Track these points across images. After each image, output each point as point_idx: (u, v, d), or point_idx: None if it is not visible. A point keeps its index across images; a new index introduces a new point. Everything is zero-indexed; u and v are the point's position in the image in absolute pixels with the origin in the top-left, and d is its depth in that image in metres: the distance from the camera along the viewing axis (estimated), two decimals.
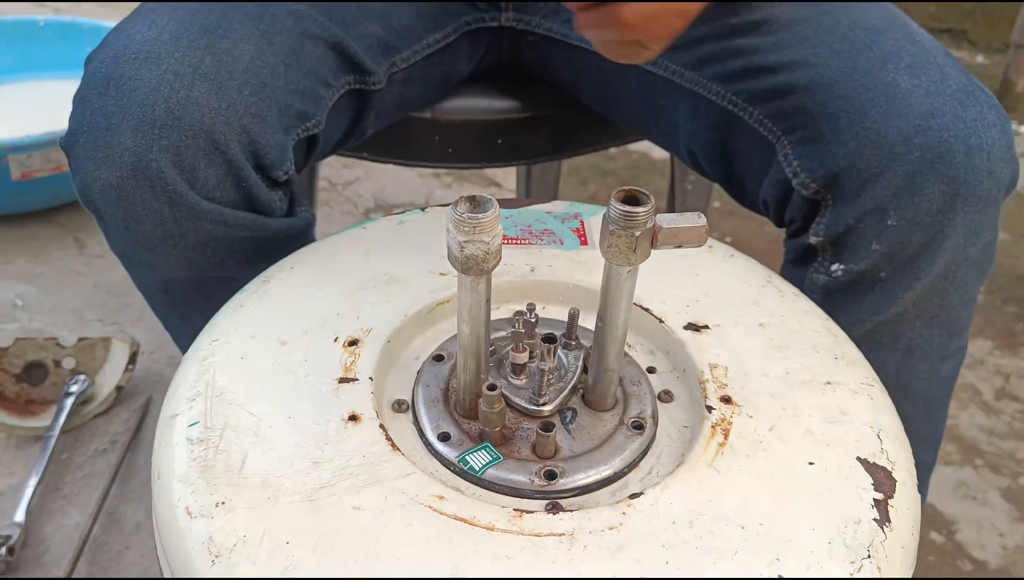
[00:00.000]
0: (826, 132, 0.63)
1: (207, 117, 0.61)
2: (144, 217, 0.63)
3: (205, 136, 0.61)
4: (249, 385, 0.51)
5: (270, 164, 0.66)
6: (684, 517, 0.45)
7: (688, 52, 0.72)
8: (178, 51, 0.62)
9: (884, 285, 0.65)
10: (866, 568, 0.44)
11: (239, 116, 0.63)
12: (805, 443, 0.49)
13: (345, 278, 0.59)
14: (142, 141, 0.60)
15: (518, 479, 0.48)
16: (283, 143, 0.66)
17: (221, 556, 0.42)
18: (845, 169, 0.62)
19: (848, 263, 0.65)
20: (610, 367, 0.50)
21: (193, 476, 0.46)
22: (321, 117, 0.69)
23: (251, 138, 0.64)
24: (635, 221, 0.44)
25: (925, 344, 0.69)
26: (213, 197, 0.64)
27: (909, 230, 0.62)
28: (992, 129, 0.62)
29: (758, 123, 0.68)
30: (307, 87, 0.68)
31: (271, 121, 0.65)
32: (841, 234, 0.64)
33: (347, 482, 0.46)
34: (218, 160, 0.63)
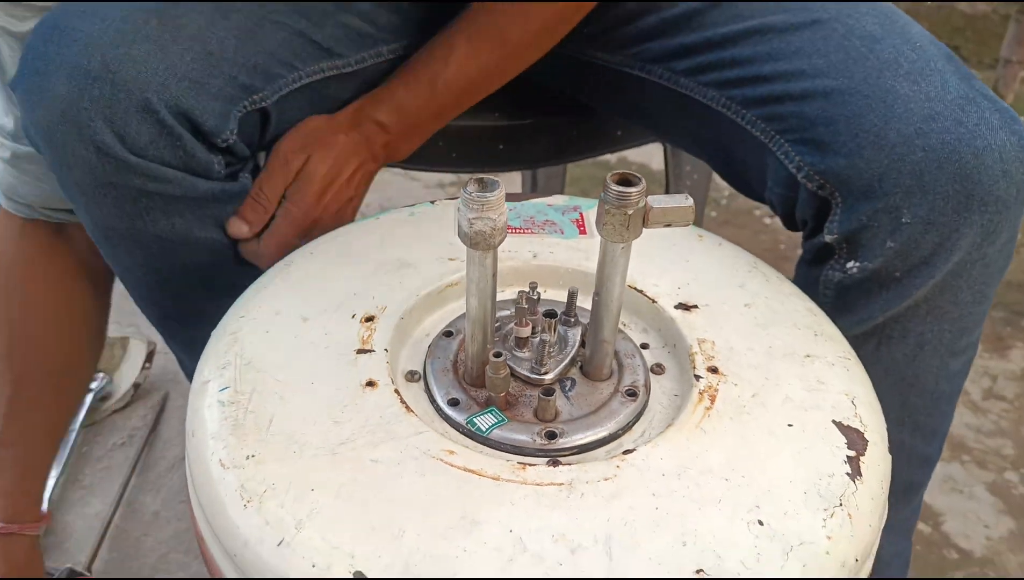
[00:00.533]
0: (824, 135, 0.65)
1: (142, 75, 0.63)
2: (74, 163, 0.66)
3: (138, 93, 0.63)
4: (274, 355, 0.56)
5: (209, 130, 0.68)
6: (673, 470, 0.49)
7: (683, 60, 0.76)
8: (124, 10, 0.64)
9: (898, 283, 0.66)
10: (838, 515, 0.48)
11: (176, 79, 0.65)
12: (785, 408, 0.54)
13: (361, 262, 0.64)
14: (74, 89, 0.63)
15: (521, 439, 0.52)
16: (224, 111, 0.68)
17: (252, 501, 0.47)
18: (847, 168, 0.64)
19: (863, 261, 0.66)
20: (606, 338, 0.55)
21: (225, 433, 0.50)
22: (270, 93, 0.72)
23: (187, 103, 0.65)
24: (628, 201, 0.49)
25: (935, 339, 0.70)
26: (144, 153, 0.66)
27: (924, 229, 0.63)
28: (999, 132, 0.63)
29: (751, 125, 0.70)
30: (259, 63, 0.71)
31: (211, 89, 0.67)
32: (856, 231, 0.65)
33: (365, 438, 0.50)
34: (150, 119, 0.64)
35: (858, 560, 0.48)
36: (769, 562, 0.45)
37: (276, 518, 0.46)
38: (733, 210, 1.84)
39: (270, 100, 0.73)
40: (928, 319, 0.69)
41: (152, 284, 0.78)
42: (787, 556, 0.45)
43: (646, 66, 0.79)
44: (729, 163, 0.77)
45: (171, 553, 1.03)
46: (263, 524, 0.46)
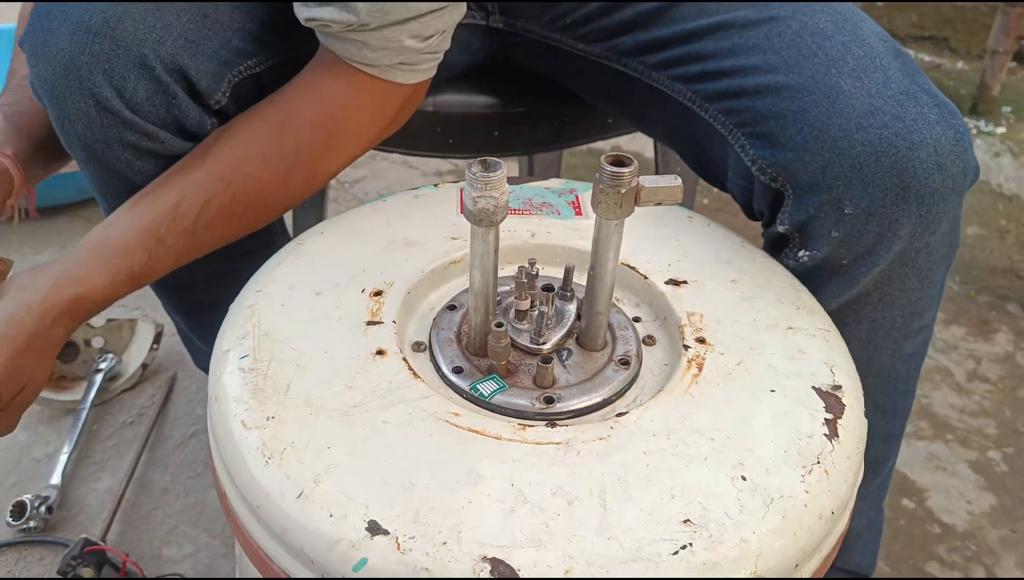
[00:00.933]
0: (774, 129, 0.68)
1: (140, 32, 0.66)
2: (75, 116, 0.68)
3: (136, 49, 0.66)
4: (290, 327, 0.59)
5: (203, 91, 0.70)
6: (663, 430, 0.53)
7: (655, 54, 0.79)
8: None
9: (845, 270, 0.69)
10: (816, 471, 0.52)
11: (172, 37, 0.67)
12: (768, 375, 0.58)
13: (369, 241, 0.67)
14: (76, 44, 0.65)
15: (521, 403, 0.56)
16: (218, 73, 0.70)
17: (273, 458, 0.50)
18: (793, 161, 0.67)
19: (812, 250, 0.69)
20: (600, 310, 0.59)
21: (246, 397, 0.54)
22: (264, 60, 0.74)
23: (182, 60, 0.68)
24: (621, 180, 0.52)
25: (887, 323, 0.74)
26: (140, 110, 0.68)
27: (865, 219, 0.66)
28: (935, 127, 0.65)
29: (713, 118, 0.73)
30: (253, 29, 0.73)
31: (205, 50, 0.69)
32: (805, 222, 0.68)
33: (376, 402, 0.54)
34: (146, 76, 0.67)
35: (834, 513, 0.51)
36: (751, 513, 0.49)
37: (296, 473, 0.49)
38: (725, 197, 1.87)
39: (263, 66, 0.75)
40: (879, 306, 0.72)
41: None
42: (768, 508, 0.49)
43: (622, 59, 0.82)
44: (698, 155, 0.80)
45: (180, 526, 1.07)
46: (284, 478, 0.49)
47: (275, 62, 0.75)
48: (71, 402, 1.19)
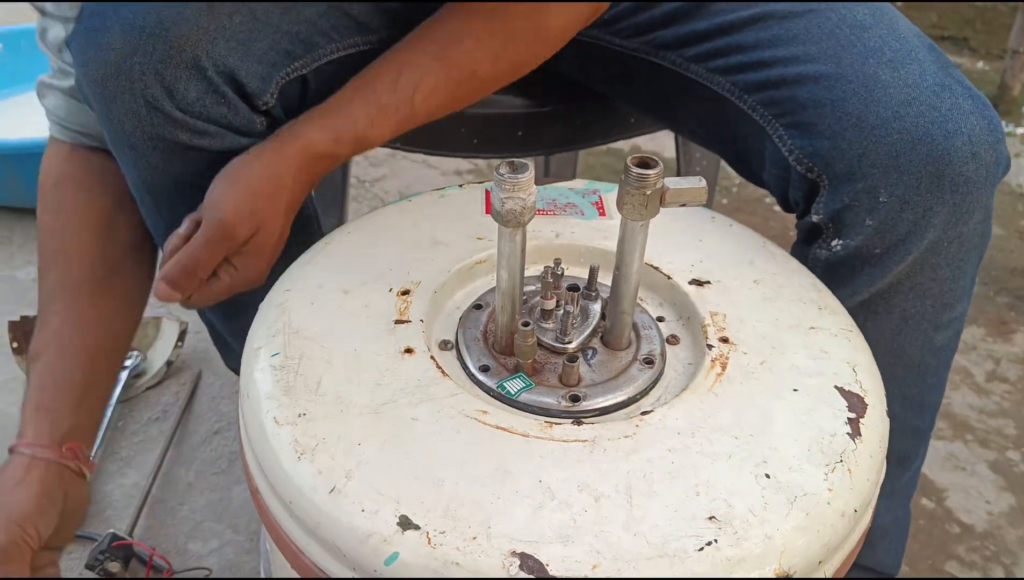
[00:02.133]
0: (812, 118, 0.70)
1: (193, 34, 0.66)
2: (125, 116, 0.69)
3: (189, 51, 0.66)
4: (320, 324, 0.60)
5: (252, 92, 0.71)
6: (687, 429, 0.54)
7: (694, 47, 0.80)
8: None
9: (879, 259, 0.70)
10: (839, 470, 0.52)
11: (224, 39, 0.68)
12: (791, 374, 0.58)
13: (396, 241, 0.68)
14: (128, 44, 0.66)
15: (547, 401, 0.57)
16: (267, 75, 0.72)
17: (305, 454, 0.51)
18: (830, 149, 0.68)
19: (846, 239, 0.70)
20: (625, 310, 0.59)
21: (278, 394, 0.55)
22: (310, 61, 0.75)
23: (233, 62, 0.69)
24: (647, 181, 0.53)
25: (918, 314, 0.75)
26: (190, 109, 0.69)
27: (899, 207, 0.67)
28: (970, 117, 0.67)
29: (752, 109, 0.74)
30: (300, 31, 0.74)
31: (255, 52, 0.70)
32: (839, 211, 0.69)
33: (405, 399, 0.55)
34: (198, 76, 0.68)
35: (857, 511, 0.52)
36: (775, 510, 0.49)
37: (328, 468, 0.51)
38: (744, 198, 1.87)
39: (309, 68, 0.76)
40: (910, 295, 0.73)
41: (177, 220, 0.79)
42: (791, 505, 0.50)
43: (660, 52, 0.83)
44: (733, 148, 0.81)
45: (205, 521, 1.09)
46: (316, 474, 0.50)
47: (320, 64, 0.77)
48: None
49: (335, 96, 0.72)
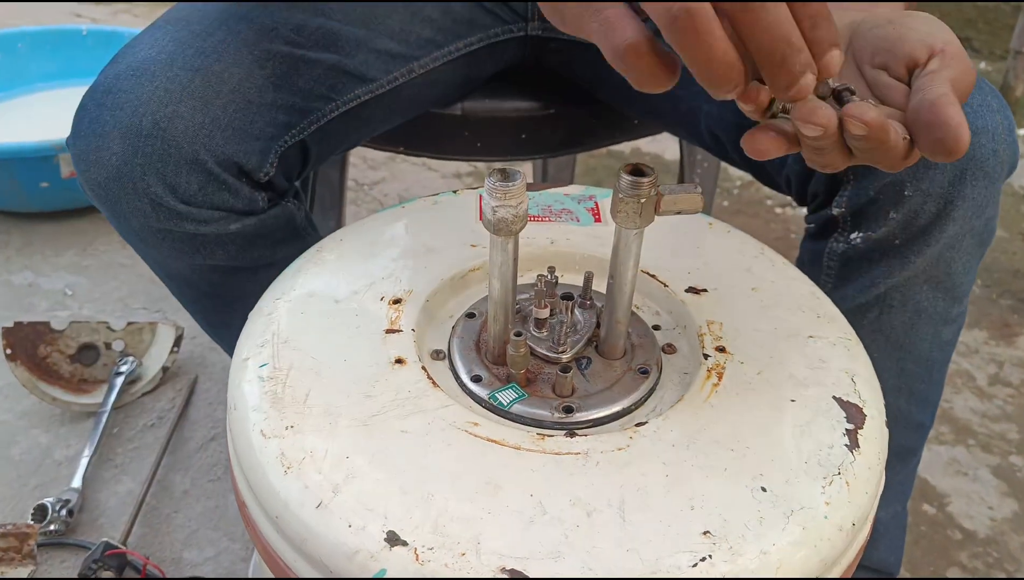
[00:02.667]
0: None
1: (191, 131, 0.68)
2: (131, 214, 0.71)
3: (187, 148, 0.68)
4: (309, 334, 0.59)
5: (251, 169, 0.72)
6: (682, 441, 0.53)
7: None
8: (171, 71, 0.68)
9: (898, 251, 0.72)
10: (836, 483, 0.51)
11: (221, 131, 0.69)
12: (788, 384, 0.57)
13: (388, 248, 0.67)
14: (128, 148, 0.67)
15: (540, 413, 0.56)
16: (265, 149, 0.73)
17: (292, 467, 0.50)
18: None
19: (867, 231, 0.71)
20: (620, 319, 0.58)
21: (265, 406, 0.54)
22: (307, 126, 0.76)
23: (231, 150, 0.70)
24: (640, 189, 0.52)
25: (931, 306, 0.76)
26: (193, 201, 0.70)
27: (923, 201, 0.69)
28: (996, 114, 0.69)
29: None
30: (296, 103, 0.75)
31: (252, 133, 0.71)
32: (863, 205, 0.70)
33: (395, 411, 0.54)
34: (198, 169, 0.69)
35: (855, 525, 0.51)
36: (771, 525, 0.48)
37: (315, 483, 0.50)
38: (745, 200, 1.86)
39: (308, 132, 0.77)
40: (925, 288, 0.75)
41: (201, 294, 0.84)
42: (788, 519, 0.49)
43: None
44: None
45: (201, 529, 1.08)
46: (303, 488, 0.49)
47: (320, 125, 0.77)
48: (92, 405, 1.21)
49: None
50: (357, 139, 0.88)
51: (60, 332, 1.23)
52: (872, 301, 0.74)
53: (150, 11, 2.72)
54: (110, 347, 1.26)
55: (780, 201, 1.86)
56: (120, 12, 2.70)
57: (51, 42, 1.89)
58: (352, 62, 0.79)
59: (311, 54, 0.76)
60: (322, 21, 0.77)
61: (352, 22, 0.79)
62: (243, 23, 0.74)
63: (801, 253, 0.81)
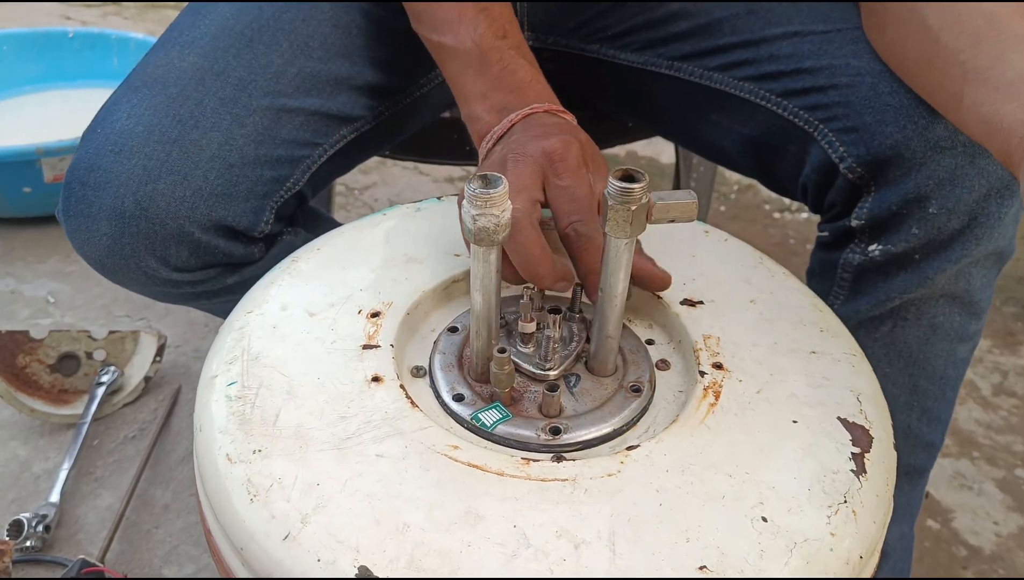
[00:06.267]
0: (871, 123, 0.67)
1: (172, 206, 0.68)
2: (129, 283, 0.73)
3: (172, 223, 0.68)
4: (281, 350, 0.56)
5: (243, 229, 0.72)
6: (676, 466, 0.49)
7: (717, 57, 0.77)
8: (148, 145, 0.68)
9: (917, 266, 0.69)
10: (842, 512, 0.48)
11: (204, 200, 0.69)
12: (790, 404, 0.54)
13: (367, 258, 0.64)
14: (115, 229, 0.68)
15: (525, 434, 0.52)
16: (257, 209, 0.73)
17: (259, 495, 0.47)
18: (891, 158, 0.66)
19: (886, 245, 0.69)
20: (610, 334, 0.55)
21: (232, 428, 0.51)
22: (300, 176, 0.75)
23: (218, 217, 0.70)
24: (631, 196, 0.49)
25: (947, 322, 0.73)
26: (186, 268, 0.72)
27: (947, 218, 0.66)
28: None
29: (793, 116, 0.72)
30: (282, 155, 0.73)
31: (238, 195, 0.71)
32: (884, 218, 0.68)
33: (371, 433, 0.50)
34: (186, 240, 0.70)
35: (863, 557, 0.48)
36: (773, 559, 0.45)
37: (282, 512, 0.46)
38: (742, 205, 1.83)
39: (302, 182, 0.76)
40: (941, 302, 0.72)
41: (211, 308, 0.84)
42: (791, 553, 0.45)
43: (675, 64, 0.80)
44: (759, 156, 0.78)
45: (181, 545, 1.04)
46: (269, 518, 0.46)
47: (312, 172, 0.76)
48: (71, 416, 1.17)
49: None
50: (348, 169, 0.87)
51: (39, 341, 1.19)
52: (886, 314, 0.71)
53: (139, 12, 2.68)
54: (91, 357, 1.22)
55: (778, 206, 1.82)
56: (110, 15, 2.67)
57: (37, 44, 1.85)
58: (334, 104, 0.77)
59: (292, 102, 0.74)
60: (301, 64, 0.75)
61: (333, 56, 0.77)
62: (219, 80, 0.72)
63: (812, 263, 0.78)
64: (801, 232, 1.74)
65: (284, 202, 0.74)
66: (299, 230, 0.79)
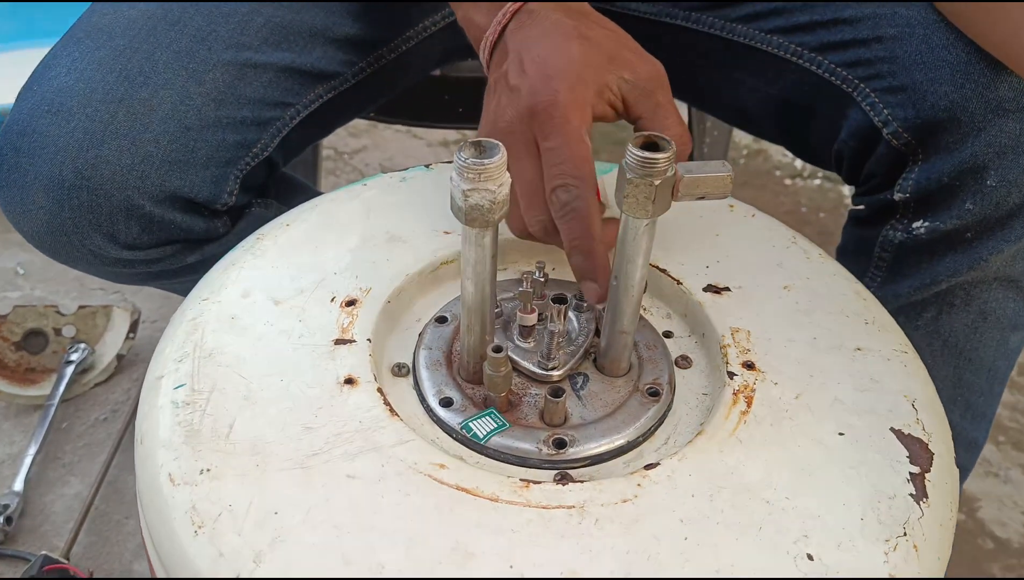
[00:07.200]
0: (921, 81, 0.59)
1: (118, 175, 0.60)
2: (74, 262, 0.65)
3: (118, 195, 0.61)
4: (239, 346, 0.48)
5: (204, 201, 0.65)
6: (704, 490, 0.42)
7: (740, 7, 0.69)
8: (91, 105, 0.60)
9: (968, 247, 0.62)
10: (901, 547, 0.40)
11: (156, 168, 0.61)
12: (834, 412, 0.46)
13: (344, 236, 0.56)
14: (54, 201, 0.60)
15: (525, 447, 0.45)
16: (218, 178, 0.65)
17: (205, 526, 0.39)
18: (944, 122, 0.58)
19: (935, 221, 0.62)
20: (624, 329, 0.47)
21: (177, 441, 0.43)
22: (269, 140, 0.68)
23: (172, 187, 0.62)
24: (655, 168, 0.40)
25: (999, 309, 0.66)
26: (139, 245, 0.64)
27: (1007, 192, 0.59)
28: None
29: (830, 73, 0.64)
30: (247, 117, 0.66)
31: (196, 163, 0.63)
32: (933, 191, 0.61)
33: (341, 449, 0.43)
34: (136, 214, 0.62)
35: None
36: None
37: (232, 549, 0.39)
38: (752, 170, 1.75)
39: (271, 147, 0.68)
40: (995, 286, 0.65)
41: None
42: None
43: (692, 15, 0.72)
44: (785, 117, 0.71)
45: None
46: (216, 556, 0.38)
47: (283, 136, 0.68)
48: (38, 397, 1.10)
49: None
50: (326, 133, 0.79)
51: (3, 317, 1.12)
52: (930, 299, 0.64)
53: None
54: (60, 333, 1.15)
55: (790, 172, 1.74)
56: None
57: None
58: (308, 59, 0.68)
59: (258, 57, 0.66)
60: (269, 13, 0.67)
61: (306, 5, 0.68)
62: (174, 29, 0.64)
63: (844, 239, 0.70)
64: (814, 200, 1.66)
65: (251, 170, 0.66)
66: (271, 202, 0.71)
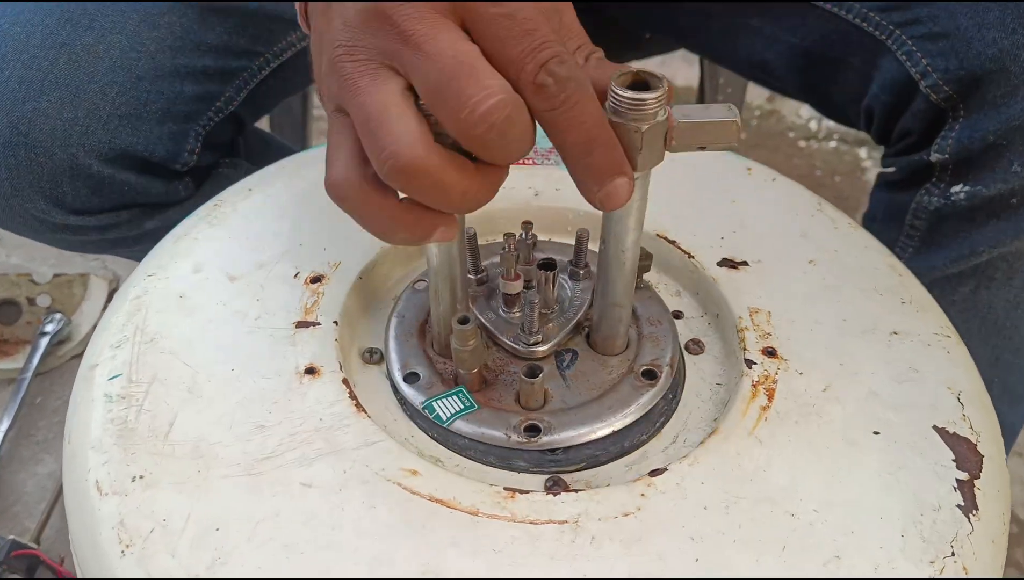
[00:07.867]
0: (966, 28, 0.53)
1: (60, 130, 0.55)
2: (17, 228, 0.60)
3: (60, 153, 0.55)
4: (187, 329, 0.42)
5: (160, 160, 0.60)
6: (718, 500, 0.36)
7: None
8: (27, 51, 0.55)
9: (1014, 213, 0.58)
10: (949, 568, 0.35)
11: (103, 123, 0.56)
12: (869, 407, 0.40)
13: (311, 202, 0.49)
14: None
15: (492, 434, 0.39)
16: (177, 135, 0.60)
17: (133, 545, 0.34)
18: (992, 73, 0.53)
19: (977, 185, 0.57)
20: (617, 302, 0.41)
21: (108, 442, 0.37)
22: (235, 93, 0.63)
23: (123, 144, 0.57)
24: (642, 111, 0.33)
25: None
26: (88, 209, 0.58)
27: None
28: None
29: (861, 19, 0.59)
30: (209, 66, 0.60)
31: (151, 117, 0.58)
32: (976, 151, 0.56)
33: (297, 451, 0.37)
34: (82, 174, 0.57)
35: None
36: None
37: (163, 571, 0.33)
38: (764, 131, 1.68)
39: (236, 101, 0.62)
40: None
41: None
42: None
43: None
44: (809, 69, 0.65)
45: None
46: None
47: (250, 89, 0.62)
48: (10, 371, 1.06)
49: None
50: (301, 88, 0.72)
51: None
52: (968, 272, 0.59)
53: None
54: (34, 302, 1.11)
55: (803, 133, 1.67)
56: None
57: None
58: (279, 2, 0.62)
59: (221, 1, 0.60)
60: None
61: None
62: None
63: (872, 205, 0.64)
64: (829, 162, 1.59)
65: (215, 126, 0.61)
66: (240, 162, 0.66)
